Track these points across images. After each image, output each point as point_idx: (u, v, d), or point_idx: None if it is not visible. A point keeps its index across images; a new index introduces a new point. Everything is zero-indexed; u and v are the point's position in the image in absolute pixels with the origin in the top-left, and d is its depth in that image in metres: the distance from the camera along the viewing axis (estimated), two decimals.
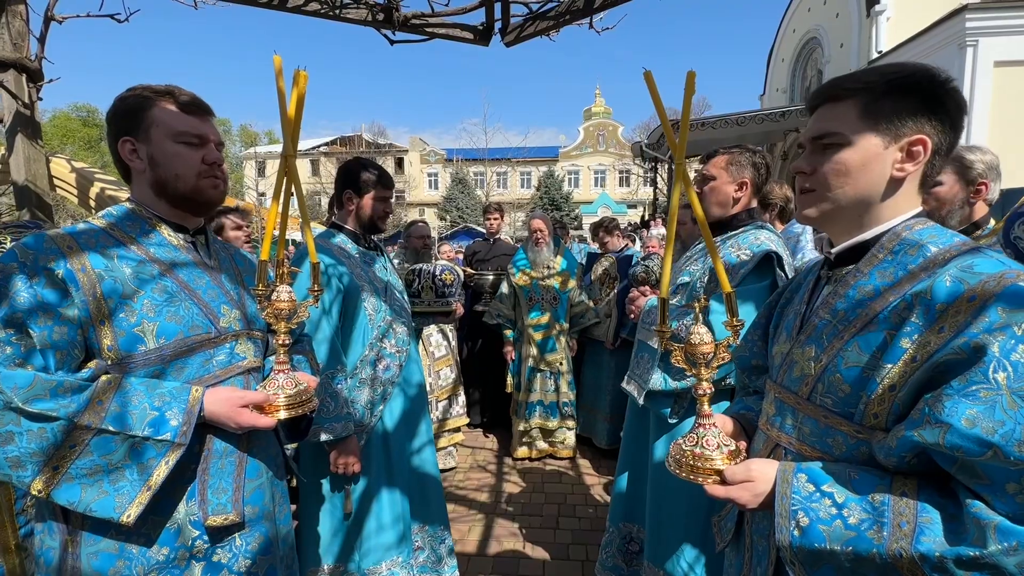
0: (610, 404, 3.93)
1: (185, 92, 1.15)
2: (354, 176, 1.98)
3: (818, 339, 0.89)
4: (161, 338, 1.06)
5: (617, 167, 35.20)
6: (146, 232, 1.13)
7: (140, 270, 1.07)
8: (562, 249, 3.99)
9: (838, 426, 0.84)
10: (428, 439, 2.18)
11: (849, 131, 0.85)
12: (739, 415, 1.13)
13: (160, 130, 1.10)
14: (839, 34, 14.22)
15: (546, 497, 3.35)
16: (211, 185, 1.16)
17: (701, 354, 0.90)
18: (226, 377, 1.16)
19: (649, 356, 1.80)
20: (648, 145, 14.75)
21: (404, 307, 2.13)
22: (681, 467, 0.91)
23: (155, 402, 1.00)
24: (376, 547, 1.93)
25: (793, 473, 0.83)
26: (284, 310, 1.09)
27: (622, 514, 2.10)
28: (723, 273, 0.91)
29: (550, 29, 2.96)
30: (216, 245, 1.30)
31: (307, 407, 1.14)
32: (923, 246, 0.81)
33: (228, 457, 1.14)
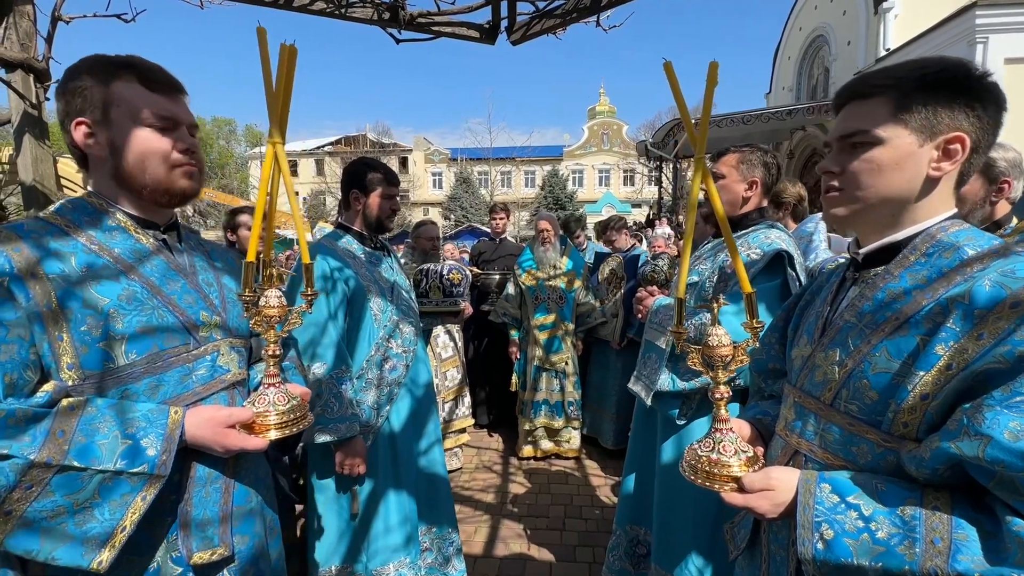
0: (616, 404, 3.91)
1: (151, 64, 0.98)
2: (359, 176, 1.97)
3: (843, 343, 0.86)
4: (131, 353, 0.92)
5: (622, 166, 35.06)
6: (108, 229, 0.97)
7: (103, 274, 0.92)
8: (568, 249, 3.97)
9: (864, 434, 0.81)
10: (436, 439, 2.16)
11: (881, 129, 0.81)
12: (755, 420, 1.10)
13: (122, 111, 0.94)
14: (846, 32, 14.10)
15: (552, 498, 3.33)
16: (185, 175, 1.00)
17: (719, 356, 0.87)
18: (208, 394, 1.02)
19: (656, 356, 1.78)
20: (653, 144, 14.69)
21: (411, 307, 2.12)
22: (696, 473, 0.88)
23: (128, 428, 0.86)
24: (383, 548, 1.92)
25: (816, 483, 0.80)
26: (274, 317, 0.97)
27: (629, 517, 2.08)
28: (743, 272, 0.88)
29: (557, 27, 2.93)
30: (191, 241, 1.15)
31: (301, 424, 1.01)
32: (959, 248, 0.78)
33: (213, 484, 1.00)
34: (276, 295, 0.98)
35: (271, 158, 0.92)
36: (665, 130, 14.04)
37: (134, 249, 0.99)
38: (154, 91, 0.97)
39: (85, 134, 0.95)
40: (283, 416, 0.98)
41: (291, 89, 0.94)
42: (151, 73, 0.98)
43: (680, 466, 0.92)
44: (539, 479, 3.60)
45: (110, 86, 0.94)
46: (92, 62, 0.96)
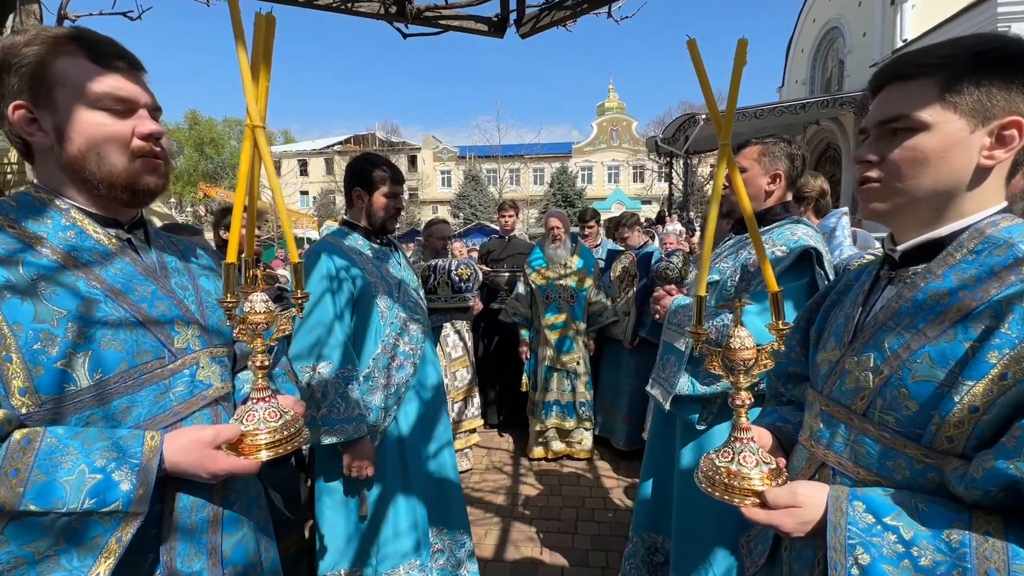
0: (629, 404, 3.84)
1: (101, 37, 0.85)
2: (363, 173, 1.93)
3: (878, 347, 0.79)
4: (96, 372, 0.80)
5: (631, 163, 34.83)
6: (61, 229, 0.83)
7: (57, 281, 0.79)
8: (579, 247, 3.90)
9: (901, 448, 0.74)
10: (447, 440, 2.12)
11: (927, 113, 0.74)
12: (775, 427, 1.03)
13: (69, 91, 0.80)
14: (861, 23, 13.81)
15: (564, 500, 3.27)
16: (148, 167, 0.87)
17: (741, 360, 0.80)
18: (188, 413, 0.91)
19: (676, 358, 1.71)
20: (663, 140, 14.54)
21: (419, 304, 2.07)
22: (714, 485, 0.82)
23: (97, 460, 0.74)
24: (393, 552, 1.88)
25: (848, 500, 0.73)
26: (260, 324, 0.86)
27: (646, 523, 2.01)
28: (769, 270, 0.81)
29: (567, 19, 2.86)
30: (161, 240, 1.02)
31: (296, 441, 0.90)
32: (1013, 245, 0.71)
33: (199, 513, 0.89)
34: (262, 299, 0.87)
35: (250, 145, 0.80)
36: (676, 126, 13.88)
37: (93, 251, 0.86)
38: (106, 68, 0.83)
39: (26, 119, 0.81)
40: (275, 434, 0.88)
41: (270, 64, 0.82)
42: (102, 47, 0.83)
43: (695, 476, 0.86)
44: (550, 481, 3.55)
45: (54, 63, 0.80)
46: (32, 35, 0.81)
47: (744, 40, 0.79)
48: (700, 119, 12.31)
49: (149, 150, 0.87)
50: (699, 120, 12.32)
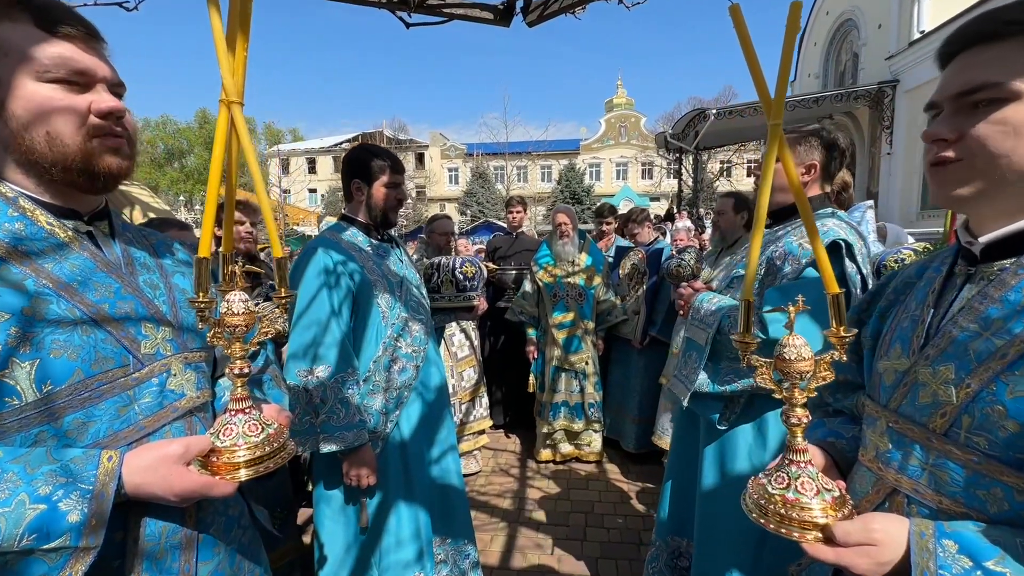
0: (639, 405, 3.73)
1: (52, 2, 0.74)
2: (361, 163, 1.82)
3: (961, 356, 0.68)
4: (45, 383, 0.70)
5: (640, 159, 34.52)
6: (8, 220, 0.74)
7: (1, 280, 0.70)
8: (587, 244, 3.79)
9: (997, 476, 0.63)
10: (451, 446, 2.02)
11: (1020, 80, 0.62)
12: (827, 443, 0.91)
13: (12, 61, 0.70)
14: (876, 14, 13.47)
15: (572, 505, 3.17)
16: (107, 148, 0.77)
17: (797, 372, 0.68)
18: (157, 427, 0.81)
19: (697, 355, 1.61)
20: (672, 136, 14.34)
21: (421, 303, 1.97)
22: (767, 515, 0.70)
23: (40, 488, 0.63)
24: (395, 563, 1.79)
25: (935, 538, 0.61)
26: (239, 327, 0.76)
27: (670, 527, 1.91)
28: (828, 267, 0.70)
29: (576, 5, 2.75)
30: (128, 233, 0.92)
31: (279, 457, 0.80)
32: None
33: (169, 539, 0.79)
34: (241, 299, 0.77)
35: (225, 123, 0.70)
36: (685, 121, 13.67)
37: (45, 246, 0.76)
38: (57, 35, 0.73)
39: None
40: (255, 450, 0.77)
41: (248, 33, 0.72)
42: (51, 12, 0.73)
43: (743, 502, 0.74)
44: (558, 484, 3.45)
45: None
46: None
47: (798, 3, 0.67)
48: (710, 114, 12.11)
49: (108, 129, 0.77)
50: (709, 115, 12.12)
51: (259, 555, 1.01)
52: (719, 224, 3.00)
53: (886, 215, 12.38)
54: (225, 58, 0.69)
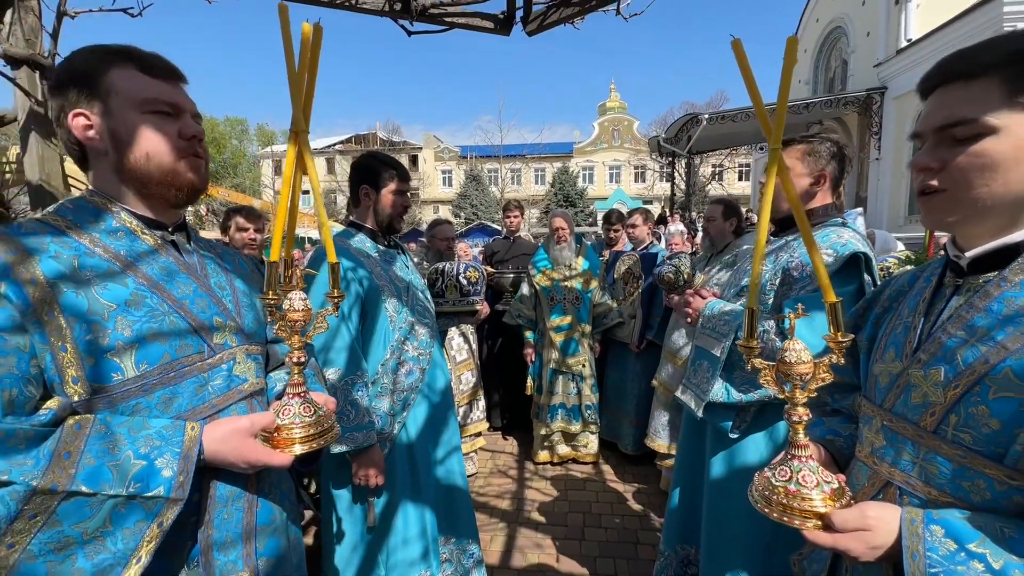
0: (635, 408, 3.78)
1: (148, 52, 0.94)
2: (370, 171, 1.87)
3: (950, 360, 0.74)
4: (142, 363, 0.85)
5: (632, 163, 34.76)
6: (112, 230, 0.90)
7: (107, 278, 0.85)
8: (584, 248, 3.85)
9: (981, 468, 0.69)
10: (455, 447, 2.06)
11: (994, 116, 0.69)
12: (825, 440, 0.97)
13: (122, 99, 0.88)
14: (865, 22, 13.73)
15: (570, 505, 3.22)
16: (191, 167, 0.94)
17: (798, 375, 0.74)
18: (225, 406, 0.95)
19: (709, 364, 1.62)
20: (665, 140, 14.48)
21: (427, 308, 2.02)
22: (771, 505, 0.76)
23: (141, 448, 0.78)
24: (401, 562, 1.83)
25: (924, 524, 0.68)
26: (299, 321, 0.90)
27: (678, 535, 1.93)
28: (826, 278, 0.76)
29: (575, 16, 2.81)
30: (201, 243, 1.09)
31: (328, 437, 0.93)
32: None
33: (235, 503, 0.93)
34: (301, 298, 0.90)
35: (295, 149, 0.83)
36: (678, 125, 13.83)
37: (141, 251, 0.92)
38: (154, 77, 0.92)
39: (84, 126, 0.89)
40: (309, 429, 0.91)
41: (315, 73, 0.87)
42: (149, 59, 0.93)
43: (749, 494, 0.80)
44: (556, 485, 3.50)
45: (107, 74, 0.89)
46: (87, 51, 0.91)
47: (794, 38, 0.73)
48: (703, 119, 12.26)
49: (192, 149, 0.94)
50: (701, 120, 12.26)
51: (300, 533, 1.14)
52: (708, 230, 3.07)
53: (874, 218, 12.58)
54: (297, 93, 0.83)
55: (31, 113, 2.59)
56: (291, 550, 1.06)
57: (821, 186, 1.58)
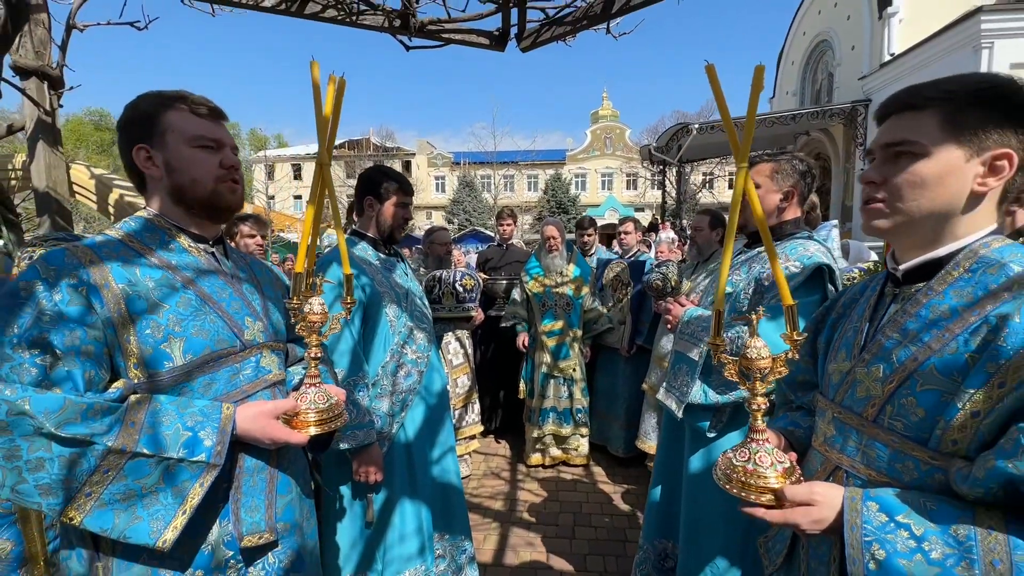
0: (625, 411, 3.89)
1: (197, 96, 1.12)
2: (375, 183, 1.98)
3: (886, 359, 0.85)
4: (188, 353, 1.02)
5: (624, 170, 35.08)
6: (166, 243, 1.09)
7: (163, 283, 1.03)
8: (575, 255, 3.96)
9: (910, 451, 0.80)
10: (450, 447, 2.15)
11: (928, 141, 0.80)
12: (786, 431, 1.08)
13: (175, 135, 1.07)
14: (850, 36, 14.09)
15: (561, 506, 3.31)
16: (229, 190, 1.13)
17: (757, 368, 0.85)
18: (253, 392, 1.12)
19: (688, 368, 1.74)
20: (657, 148, 14.70)
21: (425, 314, 2.12)
22: (731, 482, 0.86)
23: (188, 422, 0.95)
24: (398, 557, 1.91)
25: (862, 500, 0.78)
26: (317, 322, 1.06)
27: (657, 530, 2.04)
28: (784, 283, 0.87)
29: (567, 34, 2.94)
30: (234, 255, 1.27)
31: (338, 422, 1.10)
32: (1005, 265, 0.77)
33: (259, 474, 1.10)
34: (319, 302, 1.05)
35: (320, 178, 1.01)
36: (669, 134, 14.05)
37: (189, 260, 1.10)
38: (202, 117, 1.10)
39: (145, 158, 1.07)
40: (322, 413, 1.06)
41: (339, 116, 1.04)
42: (198, 102, 1.11)
43: (713, 473, 0.90)
44: (547, 487, 3.59)
45: (165, 116, 1.07)
46: (150, 96, 1.08)
47: (761, 66, 0.84)
48: (693, 128, 12.48)
49: (230, 176, 1.12)
50: (692, 130, 12.48)
51: (312, 506, 1.30)
52: (696, 239, 3.20)
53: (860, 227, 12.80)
54: (323, 134, 1.00)
55: (39, 122, 2.66)
56: (304, 519, 1.22)
57: (789, 202, 1.71)
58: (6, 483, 0.85)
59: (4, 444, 0.85)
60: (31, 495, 0.86)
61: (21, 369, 0.88)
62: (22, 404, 0.84)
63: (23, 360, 0.88)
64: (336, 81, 0.99)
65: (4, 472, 0.85)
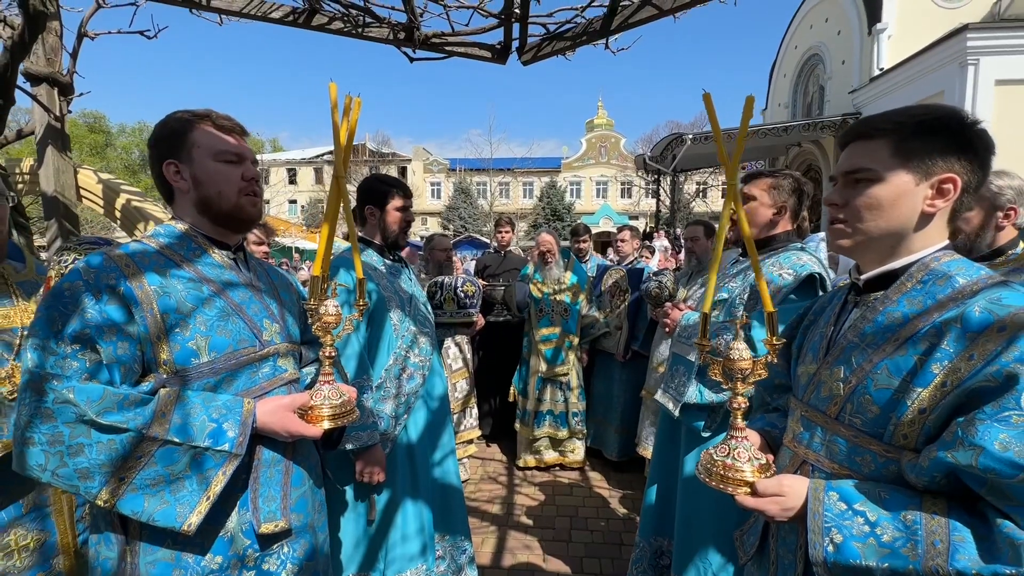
0: (621, 416, 3.95)
1: (221, 114, 1.20)
2: (374, 191, 2.05)
3: (847, 361, 0.93)
4: (213, 352, 1.10)
5: (619, 179, 35.36)
6: (194, 251, 1.17)
7: (191, 287, 1.11)
8: (571, 263, 4.03)
9: (867, 445, 0.89)
10: (451, 450, 2.21)
11: (881, 167, 0.90)
12: (763, 431, 1.17)
13: (202, 150, 1.14)
14: (841, 51, 14.37)
15: (557, 510, 3.36)
16: (250, 202, 1.21)
17: (739, 369, 0.93)
18: (271, 389, 1.20)
19: (685, 369, 1.84)
20: (651, 158, 14.87)
21: (428, 319, 2.18)
22: (711, 476, 0.94)
23: (213, 414, 1.03)
24: (400, 556, 1.96)
25: (824, 491, 0.87)
26: (331, 324, 1.13)
27: (652, 528, 2.11)
28: (766, 292, 0.95)
29: (567, 49, 3.03)
30: (253, 261, 1.35)
31: (350, 418, 1.17)
32: (951, 277, 0.86)
33: (276, 466, 1.17)
34: (334, 304, 1.12)
35: (336, 190, 1.10)
36: (663, 144, 14.22)
37: (214, 268, 1.19)
38: (225, 133, 1.18)
39: (174, 172, 1.15)
40: (335, 409, 1.13)
41: (354, 133, 1.12)
42: (222, 119, 1.19)
43: (696, 468, 0.98)
44: (544, 490, 3.64)
45: (192, 132, 1.15)
46: (179, 115, 1.16)
47: (751, 97, 0.93)
48: (687, 139, 12.65)
49: (251, 189, 1.20)
50: (686, 140, 12.65)
51: (323, 499, 1.37)
52: (693, 249, 3.29)
53: None
54: (339, 149, 1.08)
55: (48, 128, 2.71)
56: (315, 511, 1.30)
57: (782, 215, 1.82)
58: (48, 467, 0.92)
59: (48, 430, 0.92)
60: (71, 478, 0.93)
61: (65, 363, 0.95)
62: (67, 393, 0.92)
63: (67, 355, 0.96)
64: (353, 100, 1.08)
65: (47, 456, 0.92)
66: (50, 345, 0.95)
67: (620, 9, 2.71)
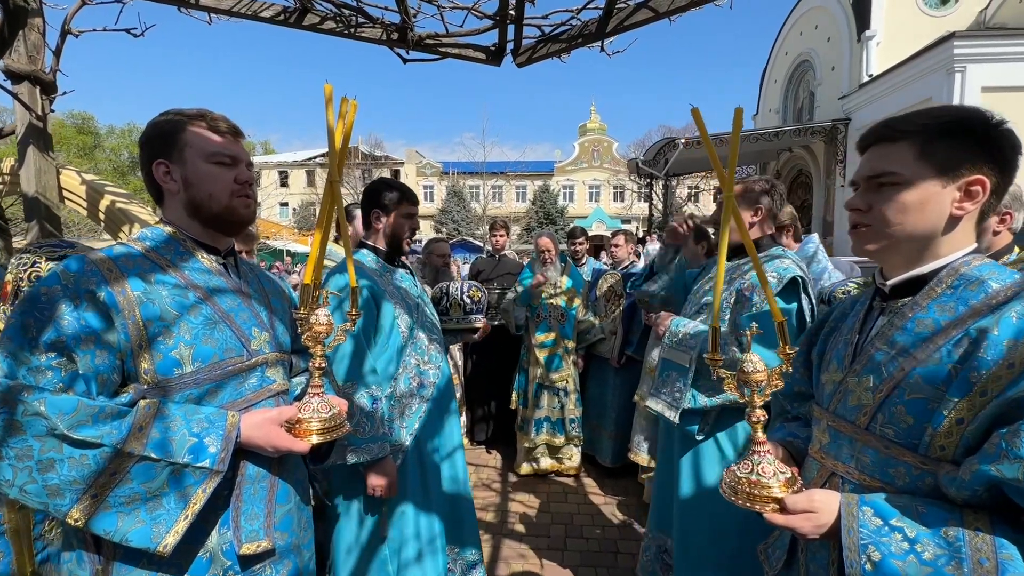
0: (615, 421, 3.91)
1: (216, 115, 1.15)
2: (380, 196, 1.99)
3: (876, 370, 0.89)
4: (197, 362, 1.04)
5: (612, 182, 35.53)
6: (182, 255, 1.11)
7: (177, 294, 1.05)
8: (568, 267, 4.00)
9: (900, 457, 0.85)
10: (461, 458, 2.14)
11: (907, 171, 0.87)
12: (785, 442, 1.13)
13: (194, 151, 1.10)
14: (830, 57, 14.55)
15: (552, 517, 3.31)
16: (243, 205, 1.16)
17: (755, 382, 0.89)
18: (258, 400, 1.14)
19: (677, 374, 1.82)
20: (644, 162, 14.95)
21: (435, 325, 2.13)
22: (737, 494, 0.90)
23: (194, 428, 0.97)
24: (411, 569, 1.88)
25: (858, 505, 0.82)
26: (322, 333, 1.07)
27: (657, 524, 2.13)
28: (775, 304, 0.91)
29: (562, 51, 3.01)
30: (243, 267, 1.28)
31: (340, 431, 1.10)
32: (984, 282, 0.83)
33: (260, 482, 1.11)
34: (325, 313, 1.07)
35: (330, 194, 1.04)
36: (656, 149, 14.30)
37: (203, 273, 1.13)
38: (220, 134, 1.13)
39: (164, 172, 1.10)
40: (325, 423, 1.07)
41: (350, 136, 1.09)
42: (217, 120, 1.14)
43: (720, 487, 0.93)
44: (538, 497, 3.59)
45: (184, 132, 1.10)
46: (171, 114, 1.11)
47: (740, 109, 0.90)
48: (679, 143, 12.73)
49: (244, 192, 1.15)
50: (678, 144, 12.73)
51: (310, 516, 1.31)
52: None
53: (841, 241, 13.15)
54: (334, 153, 1.03)
55: (30, 127, 2.63)
56: (301, 529, 1.22)
57: (758, 217, 1.84)
58: (16, 482, 0.86)
59: (17, 444, 0.86)
60: (39, 495, 0.87)
61: (38, 372, 0.90)
62: (38, 405, 0.86)
63: (40, 363, 0.90)
64: (348, 103, 1.05)
65: (15, 471, 0.86)
66: (23, 354, 0.89)
67: (616, 12, 2.68)
